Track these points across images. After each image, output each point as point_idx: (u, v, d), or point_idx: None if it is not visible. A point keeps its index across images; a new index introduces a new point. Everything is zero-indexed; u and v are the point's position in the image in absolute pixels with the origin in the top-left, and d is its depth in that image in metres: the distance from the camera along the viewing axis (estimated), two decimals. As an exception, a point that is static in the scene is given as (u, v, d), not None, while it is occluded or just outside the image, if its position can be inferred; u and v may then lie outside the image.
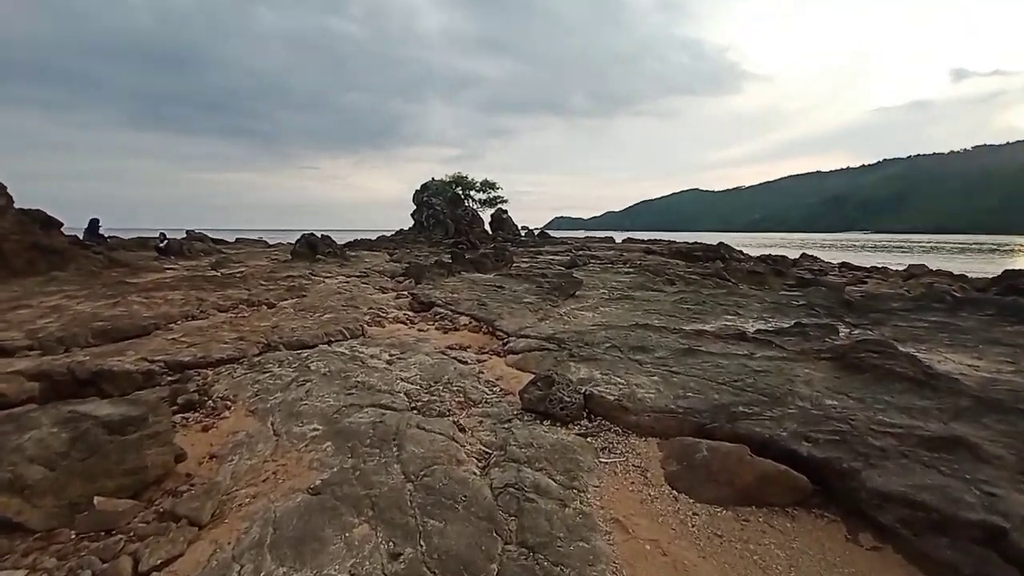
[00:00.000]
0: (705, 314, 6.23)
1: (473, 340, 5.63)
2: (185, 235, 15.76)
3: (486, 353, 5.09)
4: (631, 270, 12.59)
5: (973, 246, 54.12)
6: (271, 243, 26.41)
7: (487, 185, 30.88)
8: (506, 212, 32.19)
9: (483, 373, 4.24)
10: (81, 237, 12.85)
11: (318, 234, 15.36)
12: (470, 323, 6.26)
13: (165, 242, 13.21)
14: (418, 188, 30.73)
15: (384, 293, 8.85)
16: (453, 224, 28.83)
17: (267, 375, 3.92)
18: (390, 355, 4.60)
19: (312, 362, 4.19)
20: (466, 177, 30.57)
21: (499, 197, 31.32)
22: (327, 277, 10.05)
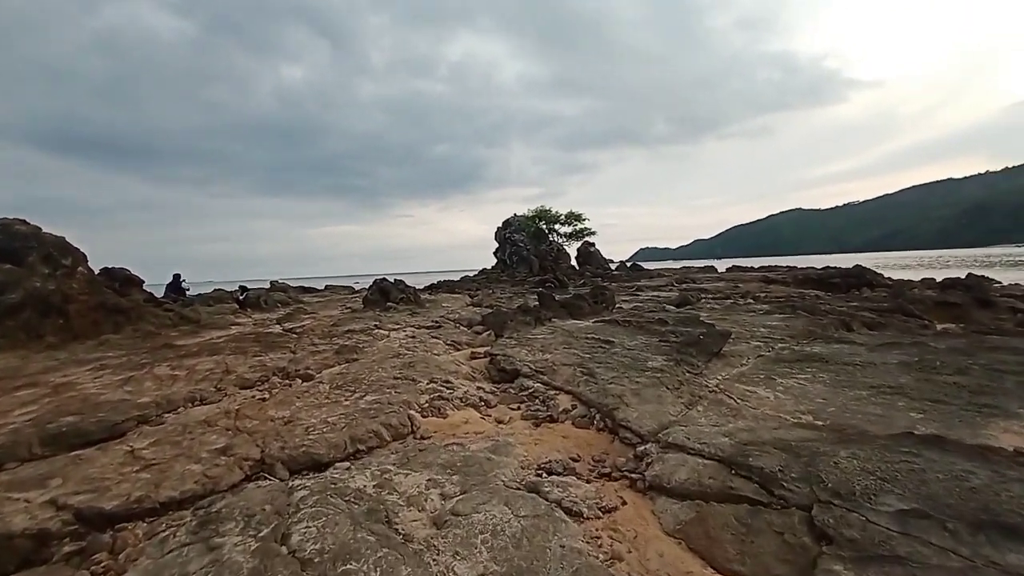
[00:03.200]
0: (994, 394, 3.48)
1: (581, 444, 3.46)
2: (269, 286, 15.66)
3: (608, 478, 2.91)
4: (769, 308, 9.69)
5: None
6: (357, 288, 26.49)
7: (572, 217, 28.92)
8: (593, 245, 29.96)
9: (620, 561, 2.04)
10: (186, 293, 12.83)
11: (394, 279, 14.31)
12: (572, 406, 4.11)
13: (244, 295, 12.82)
14: (500, 225, 29.68)
15: (457, 350, 7.02)
16: (537, 260, 27.13)
17: (209, 559, 2.06)
18: (442, 496, 2.56)
19: (299, 523, 2.26)
20: (549, 210, 28.94)
21: (586, 229, 29.17)
22: (393, 329, 8.51)
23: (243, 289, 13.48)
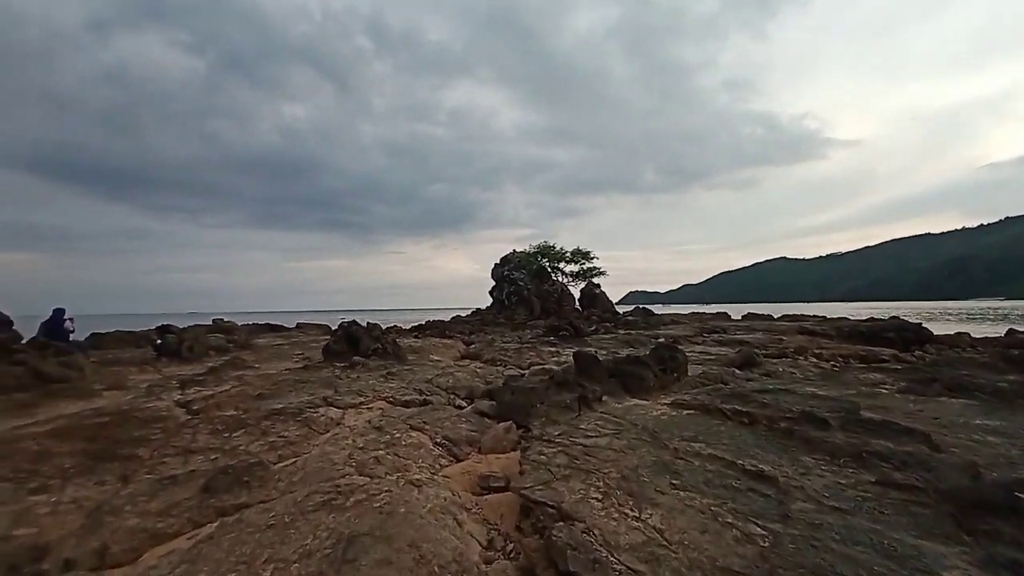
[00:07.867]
0: None
1: None
2: (212, 323, 12.54)
3: None
4: (907, 382, 6.74)
5: None
6: (336, 327, 23.17)
7: (579, 255, 26.11)
8: (599, 286, 27.16)
9: None
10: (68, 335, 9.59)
11: (371, 321, 11.28)
12: None
13: (161, 339, 9.60)
14: (497, 262, 26.84)
15: (455, 461, 3.96)
16: (539, 302, 24.18)
17: None
18: None
19: None
20: (553, 247, 26.17)
21: (594, 268, 26.32)
22: (354, 406, 5.41)
23: (164, 330, 10.25)
